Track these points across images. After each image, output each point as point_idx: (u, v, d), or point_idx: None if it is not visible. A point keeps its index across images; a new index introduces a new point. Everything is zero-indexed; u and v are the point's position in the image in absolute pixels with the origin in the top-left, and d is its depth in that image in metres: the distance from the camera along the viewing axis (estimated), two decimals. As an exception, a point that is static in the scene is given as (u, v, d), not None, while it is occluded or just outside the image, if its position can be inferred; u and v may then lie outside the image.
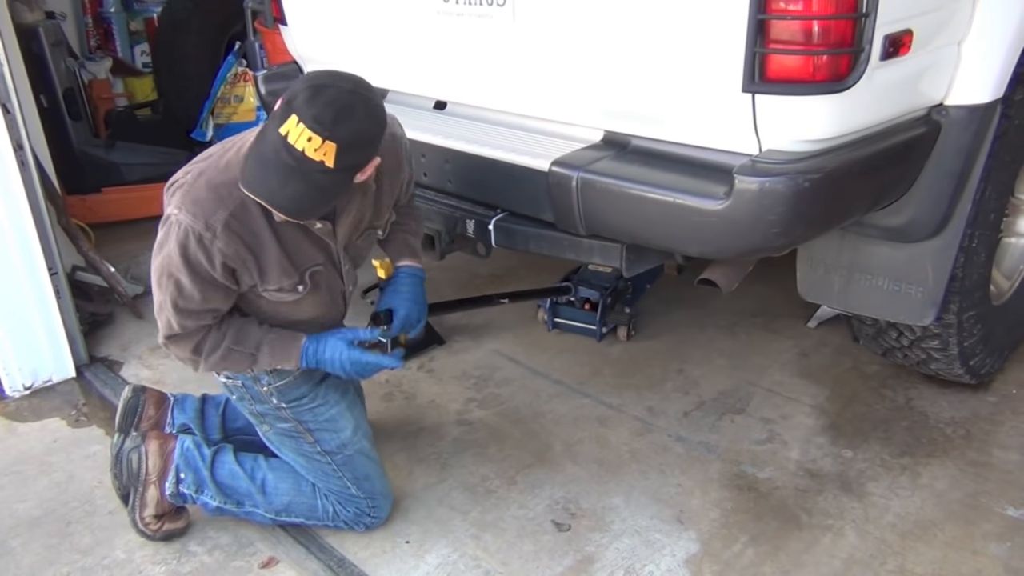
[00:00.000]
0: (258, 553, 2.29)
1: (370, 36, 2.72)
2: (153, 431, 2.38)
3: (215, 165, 1.93)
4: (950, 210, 2.22)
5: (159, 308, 1.99)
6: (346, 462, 2.25)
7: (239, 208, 1.88)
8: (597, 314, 3.17)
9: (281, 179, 1.73)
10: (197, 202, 1.87)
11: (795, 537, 2.26)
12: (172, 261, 1.89)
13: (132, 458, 2.30)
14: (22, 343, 3.03)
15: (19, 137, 2.92)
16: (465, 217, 2.46)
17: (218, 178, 1.89)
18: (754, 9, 1.75)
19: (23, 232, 2.94)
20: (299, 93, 1.73)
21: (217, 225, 1.86)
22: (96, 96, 4.81)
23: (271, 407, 2.20)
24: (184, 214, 1.86)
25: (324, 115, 1.70)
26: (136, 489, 2.29)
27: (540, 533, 2.31)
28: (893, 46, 1.86)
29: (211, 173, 1.91)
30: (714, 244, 2.02)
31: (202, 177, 1.90)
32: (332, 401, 2.24)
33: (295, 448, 2.26)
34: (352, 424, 2.27)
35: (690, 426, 2.72)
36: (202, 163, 1.96)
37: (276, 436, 2.27)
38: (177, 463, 2.28)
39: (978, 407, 2.72)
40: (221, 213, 1.86)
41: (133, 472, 2.30)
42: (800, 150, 1.90)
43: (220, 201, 1.87)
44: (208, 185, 1.88)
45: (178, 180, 1.95)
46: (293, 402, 2.19)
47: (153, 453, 2.29)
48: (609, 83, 2.15)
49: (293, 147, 1.70)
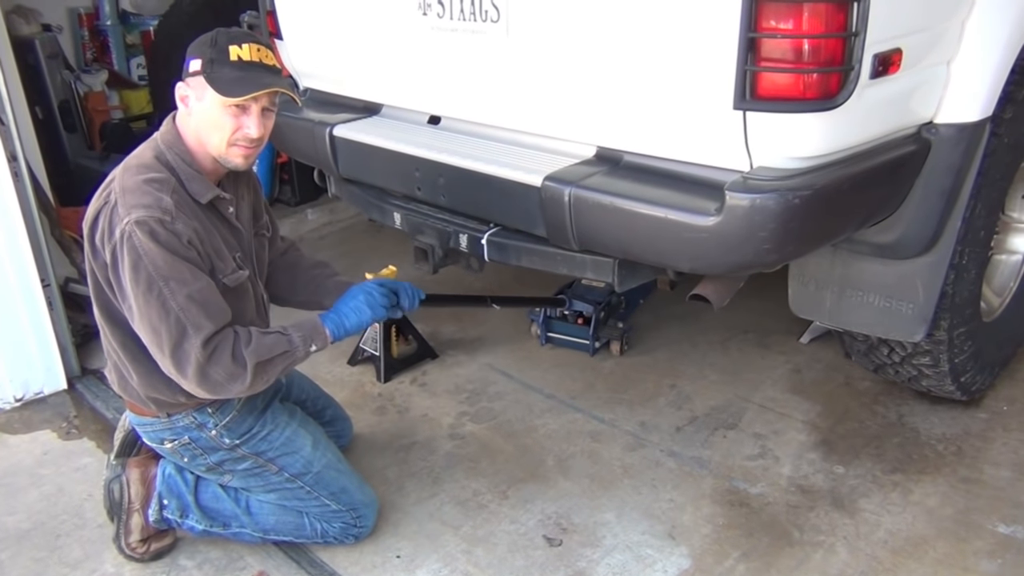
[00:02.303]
0: (248, 567, 2.28)
1: (365, 51, 2.73)
2: (134, 459, 2.35)
3: (125, 177, 1.95)
4: (940, 227, 2.23)
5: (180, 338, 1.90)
6: (317, 481, 2.23)
7: (176, 194, 1.94)
8: (590, 328, 3.17)
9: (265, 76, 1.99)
10: (140, 197, 1.89)
11: (786, 553, 2.26)
12: (155, 262, 1.86)
13: (114, 488, 2.29)
14: (13, 354, 3.02)
15: (13, 148, 2.93)
16: (458, 231, 2.47)
17: (140, 176, 1.93)
18: (745, 27, 1.76)
19: (16, 243, 2.94)
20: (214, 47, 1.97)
21: (170, 206, 1.90)
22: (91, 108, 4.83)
23: (225, 450, 2.17)
24: (136, 212, 1.87)
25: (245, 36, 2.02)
26: (120, 517, 2.28)
27: (531, 548, 2.31)
28: (883, 65, 1.87)
29: (128, 180, 1.94)
30: (705, 260, 2.03)
31: (126, 185, 1.92)
32: (282, 423, 2.23)
33: (264, 486, 2.24)
34: (310, 440, 2.26)
35: (682, 441, 2.72)
36: (109, 187, 1.97)
37: (241, 480, 2.25)
38: (159, 490, 2.27)
39: (969, 424, 2.72)
40: (166, 197, 1.91)
41: (116, 501, 2.29)
42: (791, 167, 1.91)
43: (159, 189, 1.92)
44: (137, 185, 1.91)
45: (101, 208, 1.94)
46: (244, 436, 2.16)
47: (135, 481, 2.28)
48: (602, 99, 2.16)
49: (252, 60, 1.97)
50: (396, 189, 2.70)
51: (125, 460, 2.34)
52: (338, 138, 2.73)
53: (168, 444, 2.18)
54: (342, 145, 2.74)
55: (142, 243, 1.86)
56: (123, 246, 1.87)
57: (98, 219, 1.94)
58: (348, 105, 2.91)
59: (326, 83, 3.00)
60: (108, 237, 1.90)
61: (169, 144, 2.01)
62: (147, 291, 1.88)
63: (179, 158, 1.99)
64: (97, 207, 1.96)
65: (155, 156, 1.99)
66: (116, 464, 2.33)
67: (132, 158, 2.02)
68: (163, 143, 2.01)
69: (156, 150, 2.00)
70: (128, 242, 1.86)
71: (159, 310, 1.88)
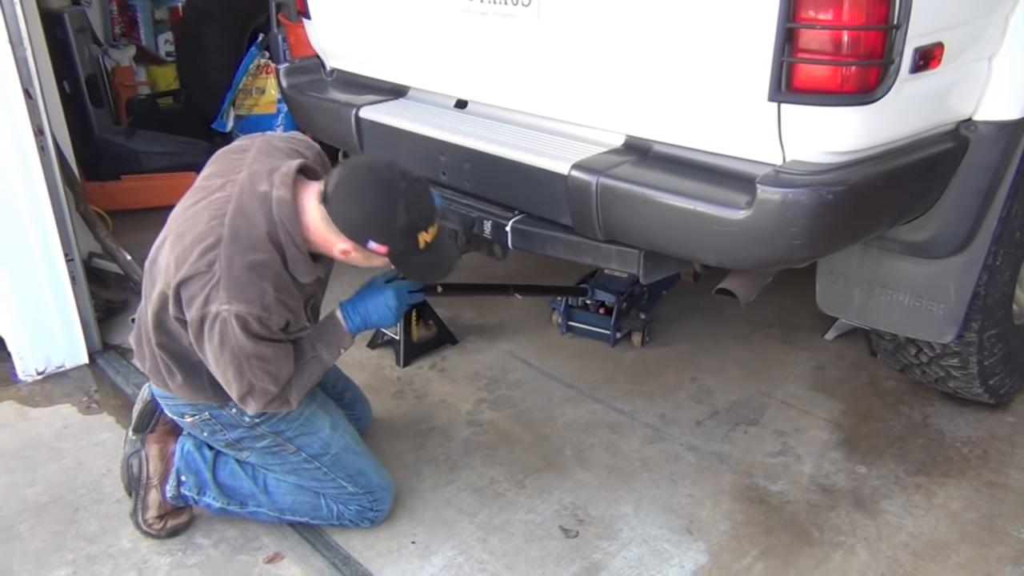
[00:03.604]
0: (264, 548, 2.28)
1: (393, 32, 2.71)
2: (153, 435, 2.36)
3: (233, 251, 1.87)
4: (975, 227, 2.18)
5: (247, 392, 1.97)
6: (335, 463, 2.23)
7: (276, 278, 1.92)
8: (612, 318, 3.15)
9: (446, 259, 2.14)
10: (243, 290, 1.86)
11: (806, 553, 2.23)
12: (242, 346, 1.89)
13: (132, 463, 2.32)
14: (36, 328, 3.04)
15: (40, 122, 2.93)
16: (482, 218, 2.45)
17: (248, 258, 1.88)
18: (783, 17, 1.72)
19: (41, 217, 2.95)
20: (405, 237, 1.97)
21: (271, 303, 1.90)
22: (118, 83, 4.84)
23: (245, 428, 2.17)
24: (236, 305, 1.85)
25: (428, 213, 2.02)
26: (138, 493, 2.30)
27: (547, 539, 2.30)
28: (923, 59, 1.82)
29: (236, 259, 1.87)
30: (734, 254, 2.00)
31: (233, 268, 1.86)
32: (303, 403, 2.22)
33: (281, 465, 2.24)
34: (328, 421, 2.26)
35: (702, 436, 2.69)
36: (215, 251, 1.87)
37: (259, 457, 2.25)
38: (178, 466, 2.28)
39: (996, 427, 2.68)
40: (268, 290, 1.89)
41: (134, 476, 2.31)
42: (825, 162, 1.87)
43: (261, 278, 1.89)
44: (243, 270, 1.87)
45: (201, 274, 1.87)
46: (264, 415, 2.15)
47: (154, 457, 2.30)
48: (633, 87, 2.13)
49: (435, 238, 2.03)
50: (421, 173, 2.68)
51: (144, 436, 2.35)
52: (364, 120, 2.72)
53: (189, 418, 2.19)
54: (368, 127, 2.72)
55: (234, 331, 1.87)
56: (214, 323, 1.88)
57: (194, 280, 1.87)
58: (375, 87, 2.90)
59: (353, 64, 2.99)
60: (202, 305, 1.87)
61: (285, 225, 1.93)
62: (228, 360, 1.92)
63: (291, 240, 1.94)
64: (196, 267, 1.87)
65: (267, 232, 1.91)
66: (135, 439, 2.35)
67: (244, 223, 1.90)
68: (279, 217, 1.92)
69: (269, 224, 1.92)
70: (221, 324, 1.87)
71: (235, 373, 1.94)
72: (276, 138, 2.17)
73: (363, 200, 1.92)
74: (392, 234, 1.95)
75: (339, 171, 1.96)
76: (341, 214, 1.93)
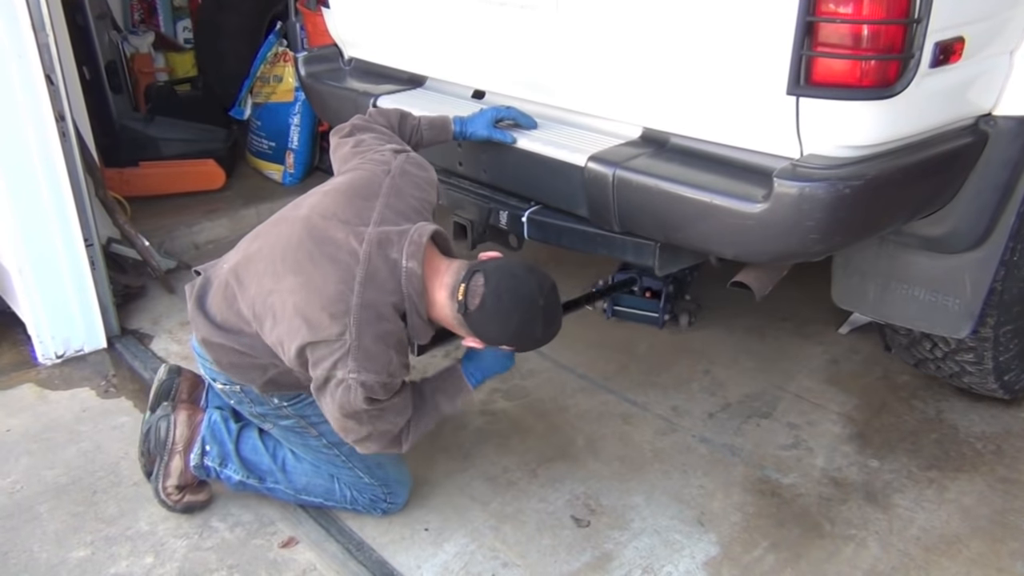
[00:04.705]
0: (278, 532, 2.31)
1: (411, 22, 2.71)
2: (183, 402, 2.40)
3: (364, 320, 1.88)
4: (993, 222, 2.18)
5: (364, 438, 2.02)
6: (354, 452, 2.23)
7: (399, 344, 1.96)
8: (660, 301, 3.19)
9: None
10: (373, 361, 1.88)
11: (817, 545, 2.24)
12: (363, 408, 1.92)
13: (161, 426, 2.34)
14: (56, 312, 3.07)
15: (61, 108, 2.95)
16: (499, 208, 2.46)
17: (378, 328, 1.89)
18: (803, 11, 1.72)
19: (61, 202, 2.98)
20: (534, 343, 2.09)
21: (395, 369, 1.93)
22: (137, 70, 4.85)
23: (272, 407, 2.20)
24: (364, 375, 1.87)
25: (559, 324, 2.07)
26: (162, 458, 2.33)
27: (559, 528, 2.31)
28: (944, 53, 1.82)
29: (367, 329, 1.88)
30: (750, 247, 2.00)
31: (364, 338, 1.87)
32: None
33: (302, 443, 2.27)
34: None
35: (715, 428, 2.70)
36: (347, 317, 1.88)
37: (281, 432, 2.28)
38: (204, 435, 2.32)
39: (1010, 423, 2.67)
40: (394, 358, 1.92)
41: (160, 440, 2.33)
42: (842, 156, 1.87)
43: (388, 347, 1.91)
44: (374, 341, 1.89)
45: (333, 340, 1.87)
46: (292, 399, 2.17)
47: (182, 423, 2.33)
48: (650, 79, 2.13)
49: None
50: (437, 163, 2.68)
51: (175, 403, 2.39)
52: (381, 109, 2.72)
53: (220, 385, 2.21)
54: (385, 116, 2.72)
55: (358, 396, 1.90)
56: (339, 386, 1.90)
57: (323, 345, 1.88)
58: (392, 76, 2.90)
59: (371, 53, 2.99)
60: (329, 368, 1.89)
61: (413, 297, 1.95)
62: (349, 415, 1.95)
63: (415, 311, 1.97)
64: (327, 334, 1.88)
65: (394, 305, 1.93)
66: (167, 404, 2.38)
67: (375, 294, 1.91)
68: (407, 290, 1.94)
69: (397, 296, 1.94)
70: (347, 389, 1.90)
71: (355, 424, 1.98)
72: (403, 177, 2.10)
73: (507, 323, 1.95)
74: (526, 343, 2.07)
75: (481, 288, 1.92)
76: (481, 331, 1.98)
